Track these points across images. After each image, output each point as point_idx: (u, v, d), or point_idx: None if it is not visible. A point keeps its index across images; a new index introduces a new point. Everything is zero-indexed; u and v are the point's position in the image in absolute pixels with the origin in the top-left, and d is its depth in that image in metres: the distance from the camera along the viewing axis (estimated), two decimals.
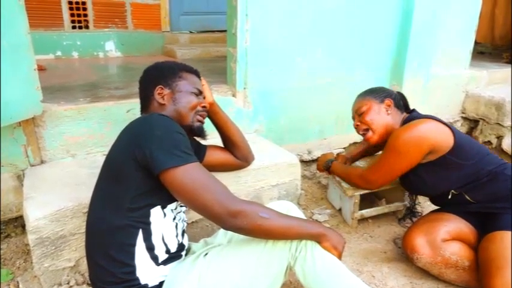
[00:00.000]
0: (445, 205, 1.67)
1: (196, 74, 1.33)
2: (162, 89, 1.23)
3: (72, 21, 3.36)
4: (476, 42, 2.97)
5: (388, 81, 2.57)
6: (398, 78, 2.53)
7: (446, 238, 1.51)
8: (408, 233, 1.60)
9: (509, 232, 1.40)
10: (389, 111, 1.66)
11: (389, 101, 1.67)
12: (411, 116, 1.66)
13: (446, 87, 2.78)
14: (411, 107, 1.80)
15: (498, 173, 1.52)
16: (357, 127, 1.73)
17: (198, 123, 1.27)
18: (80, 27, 3.40)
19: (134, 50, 3.59)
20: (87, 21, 3.41)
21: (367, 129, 1.67)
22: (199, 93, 1.29)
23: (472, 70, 2.90)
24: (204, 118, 1.31)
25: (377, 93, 1.69)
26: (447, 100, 2.84)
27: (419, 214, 2.04)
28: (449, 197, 1.59)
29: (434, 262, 1.51)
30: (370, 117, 1.65)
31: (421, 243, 1.52)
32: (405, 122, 1.64)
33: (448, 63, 2.78)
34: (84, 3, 3.37)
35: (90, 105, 1.72)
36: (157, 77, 1.26)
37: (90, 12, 3.41)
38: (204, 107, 1.29)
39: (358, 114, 1.69)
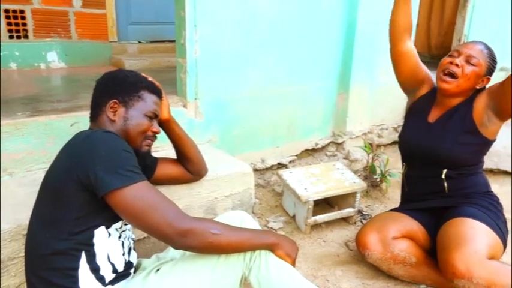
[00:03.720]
0: (417, 194, 1.73)
1: (159, 94, 1.25)
2: (116, 104, 1.15)
3: (9, 31, 3.14)
4: None
5: (336, 89, 2.67)
6: (345, 86, 2.64)
7: (396, 236, 1.59)
8: (361, 231, 1.67)
9: (468, 219, 1.48)
10: (479, 86, 1.59)
11: (488, 80, 1.60)
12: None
13: (390, 94, 2.92)
14: (359, 114, 1.87)
15: (479, 172, 1.66)
16: (451, 63, 1.56)
17: (145, 148, 1.21)
18: (19, 37, 3.20)
19: (79, 61, 3.43)
20: (26, 30, 3.22)
21: (454, 76, 1.55)
22: (155, 116, 1.22)
23: None
24: (152, 142, 1.25)
25: (493, 65, 1.60)
26: (392, 106, 2.99)
27: (369, 216, 2.14)
28: (443, 176, 1.61)
29: (384, 258, 1.58)
30: (471, 74, 1.54)
31: (372, 240, 1.59)
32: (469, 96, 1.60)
33: (391, 72, 2.94)
34: (22, 11, 3.17)
35: (30, 119, 1.61)
36: (115, 89, 1.16)
37: (29, 20, 3.21)
38: (155, 132, 1.22)
39: (467, 60, 1.54)
